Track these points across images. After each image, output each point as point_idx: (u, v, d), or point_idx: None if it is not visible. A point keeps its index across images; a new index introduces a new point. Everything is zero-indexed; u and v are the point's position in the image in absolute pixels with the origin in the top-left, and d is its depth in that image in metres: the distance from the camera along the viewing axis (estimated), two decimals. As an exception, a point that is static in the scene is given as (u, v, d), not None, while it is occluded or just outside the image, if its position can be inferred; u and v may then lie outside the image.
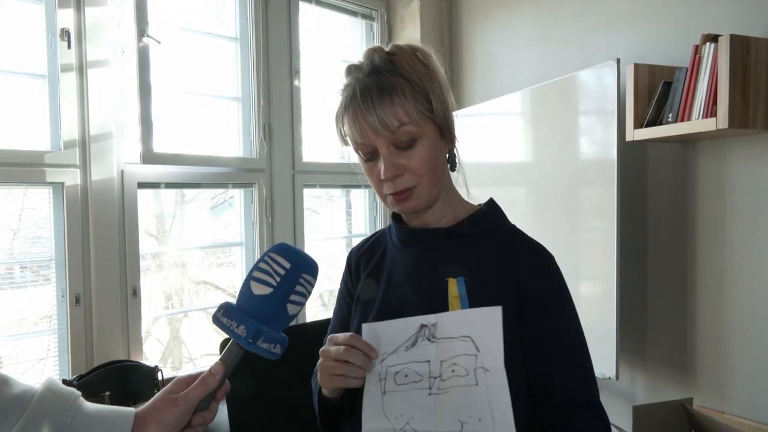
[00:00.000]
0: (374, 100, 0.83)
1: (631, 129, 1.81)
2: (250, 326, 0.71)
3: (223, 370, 0.74)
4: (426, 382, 0.80)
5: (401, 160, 0.86)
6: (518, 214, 2.25)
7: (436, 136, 0.89)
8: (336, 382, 0.84)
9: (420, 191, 0.88)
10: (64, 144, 2.05)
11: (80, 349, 2.09)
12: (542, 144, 2.20)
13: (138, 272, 2.22)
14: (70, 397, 0.68)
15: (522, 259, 0.90)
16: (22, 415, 0.63)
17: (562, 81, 2.07)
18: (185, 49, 2.40)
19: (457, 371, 0.78)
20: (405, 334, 0.82)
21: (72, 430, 0.65)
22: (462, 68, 2.89)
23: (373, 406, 0.82)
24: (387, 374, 0.82)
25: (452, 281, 0.87)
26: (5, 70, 1.99)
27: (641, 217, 2.07)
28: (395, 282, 0.95)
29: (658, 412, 1.50)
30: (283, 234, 2.60)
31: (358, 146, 0.88)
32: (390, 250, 1.00)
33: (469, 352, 0.78)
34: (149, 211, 2.44)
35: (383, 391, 0.82)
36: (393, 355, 0.82)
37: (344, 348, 0.83)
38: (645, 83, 1.79)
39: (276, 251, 0.76)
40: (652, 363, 2.05)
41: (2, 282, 2.03)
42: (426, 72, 0.87)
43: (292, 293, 0.74)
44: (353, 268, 1.05)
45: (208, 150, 2.42)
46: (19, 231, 2.06)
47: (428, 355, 0.80)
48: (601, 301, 1.88)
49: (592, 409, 0.87)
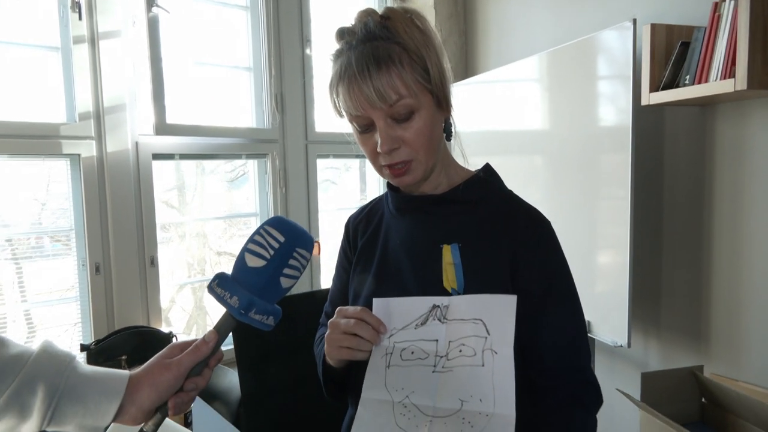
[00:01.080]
0: (371, 71, 0.80)
1: (646, 93, 1.76)
2: (243, 297, 0.71)
3: (215, 339, 0.75)
4: (432, 359, 0.80)
5: (398, 132, 0.84)
6: (532, 182, 2.23)
7: (433, 106, 0.87)
8: (343, 354, 0.85)
9: (416, 165, 0.87)
10: (78, 116, 2.08)
11: (101, 316, 2.15)
12: (556, 110, 2.15)
13: (155, 242, 2.26)
14: (65, 359, 0.69)
15: (517, 224, 0.89)
16: (18, 376, 0.65)
17: (576, 44, 2.01)
18: (195, 18, 2.39)
19: (464, 351, 0.78)
20: (416, 312, 0.82)
21: (67, 390, 0.67)
22: (476, 33, 2.83)
23: (376, 378, 0.82)
24: (394, 349, 0.82)
25: (446, 248, 0.87)
26: (20, 43, 2.01)
27: (657, 183, 2.03)
28: (391, 249, 0.95)
29: (666, 379, 1.49)
30: (297, 204, 2.61)
31: (353, 118, 0.86)
32: (387, 217, 0.99)
33: (480, 334, 0.78)
34: (170, 183, 2.48)
35: (388, 364, 0.82)
36: (402, 331, 0.83)
37: (354, 321, 0.83)
38: (662, 44, 1.73)
39: (271, 224, 0.75)
40: (665, 331, 2.03)
41: (33, 253, 2.10)
42: (423, 38, 0.84)
43: (285, 267, 0.74)
44: (351, 234, 1.05)
45: (221, 121, 2.43)
46: (47, 203, 2.11)
47: (437, 335, 0.80)
48: (614, 268, 1.86)
49: (580, 373, 0.87)
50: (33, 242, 2.10)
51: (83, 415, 0.68)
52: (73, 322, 2.16)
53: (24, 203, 2.05)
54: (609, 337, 1.87)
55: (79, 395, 0.68)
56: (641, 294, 2.09)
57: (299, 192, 2.63)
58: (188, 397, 0.74)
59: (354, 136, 0.90)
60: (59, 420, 0.67)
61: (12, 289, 2.04)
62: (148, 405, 0.71)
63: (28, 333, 2.11)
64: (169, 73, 2.23)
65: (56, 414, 0.66)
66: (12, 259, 2.04)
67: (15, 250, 2.04)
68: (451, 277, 0.85)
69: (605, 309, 1.89)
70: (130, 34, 2.17)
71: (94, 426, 0.69)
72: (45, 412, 0.65)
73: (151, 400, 0.71)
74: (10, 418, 0.65)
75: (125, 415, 0.70)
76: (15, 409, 0.64)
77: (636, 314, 2.10)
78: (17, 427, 0.66)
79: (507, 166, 2.41)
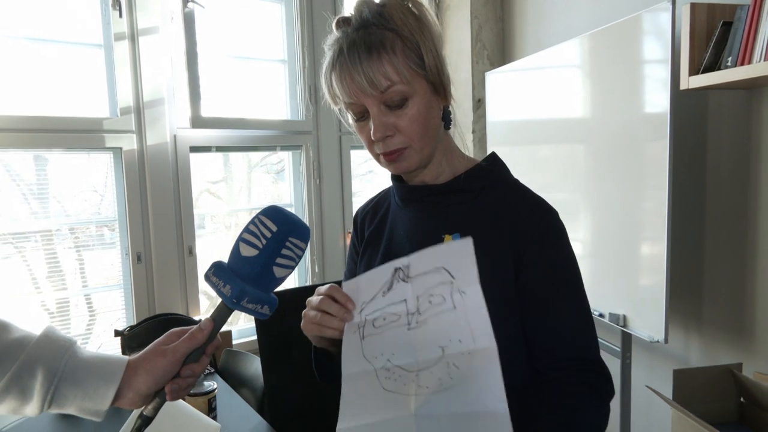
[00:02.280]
0: (361, 58, 0.79)
1: (686, 76, 1.67)
2: (235, 286, 0.72)
3: (211, 327, 0.76)
4: (404, 319, 0.79)
5: (391, 119, 0.83)
6: (571, 171, 2.16)
7: (429, 93, 0.85)
8: (314, 331, 0.85)
9: (411, 152, 0.86)
10: (120, 110, 2.17)
11: (143, 303, 2.25)
12: (592, 96, 2.07)
13: (193, 232, 2.33)
14: (65, 343, 0.72)
15: (519, 212, 0.87)
16: (18, 360, 0.68)
17: (613, 27, 1.93)
18: (230, 12, 2.43)
19: (434, 301, 0.77)
20: (380, 280, 0.81)
21: (65, 374, 0.69)
22: (513, 18, 2.76)
23: (352, 352, 0.82)
24: (365, 322, 0.82)
25: (448, 238, 0.86)
26: (67, 41, 2.11)
27: (699, 172, 1.93)
28: (396, 240, 0.95)
29: (701, 377, 1.42)
30: (331, 195, 2.64)
31: (347, 106, 0.86)
32: (392, 208, 0.99)
33: (445, 280, 0.76)
34: (217, 175, 2.57)
35: (362, 336, 0.81)
36: (371, 303, 0.82)
37: (322, 297, 0.83)
38: (703, 25, 1.64)
39: (265, 214, 0.76)
40: (707, 326, 1.94)
41: (94, 242, 2.22)
42: (417, 25, 0.83)
43: (278, 256, 0.74)
44: (359, 226, 1.05)
45: (255, 113, 2.47)
46: (105, 196, 2.22)
47: (404, 295, 0.79)
48: (652, 261, 1.79)
49: (590, 364, 0.84)
50: (93, 231, 2.22)
51: (82, 398, 0.71)
52: (114, 309, 2.27)
53: (78, 195, 2.17)
54: (645, 332, 1.80)
55: (78, 379, 0.70)
56: (681, 288, 2.00)
57: (333, 183, 2.65)
58: (185, 382, 0.76)
59: (351, 125, 0.90)
60: (59, 403, 0.70)
61: (74, 276, 2.18)
62: (145, 390, 0.73)
63: (89, 318, 2.24)
64: (205, 67, 2.28)
65: (56, 397, 0.69)
66: (74, 247, 2.17)
67: (76, 239, 2.17)
68: None
69: (642, 303, 1.82)
70: (168, 30, 2.23)
71: (95, 409, 0.72)
72: (45, 395, 0.68)
73: (147, 385, 0.73)
74: (12, 400, 0.68)
75: (123, 399, 0.73)
76: (16, 391, 0.68)
77: (675, 309, 2.01)
78: (20, 408, 0.69)
79: (540, 156, 2.36)
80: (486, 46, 2.78)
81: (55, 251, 2.13)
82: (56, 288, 2.13)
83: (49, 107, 2.07)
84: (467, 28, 2.75)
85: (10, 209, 2.03)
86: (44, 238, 2.10)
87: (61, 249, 2.14)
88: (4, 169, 2.02)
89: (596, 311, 2.01)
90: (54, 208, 2.12)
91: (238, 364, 1.81)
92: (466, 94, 2.79)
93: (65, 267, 2.16)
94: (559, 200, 2.23)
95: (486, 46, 2.78)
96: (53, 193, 2.12)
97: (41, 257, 2.10)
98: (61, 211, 2.13)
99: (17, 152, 2.03)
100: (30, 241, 2.08)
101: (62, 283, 2.15)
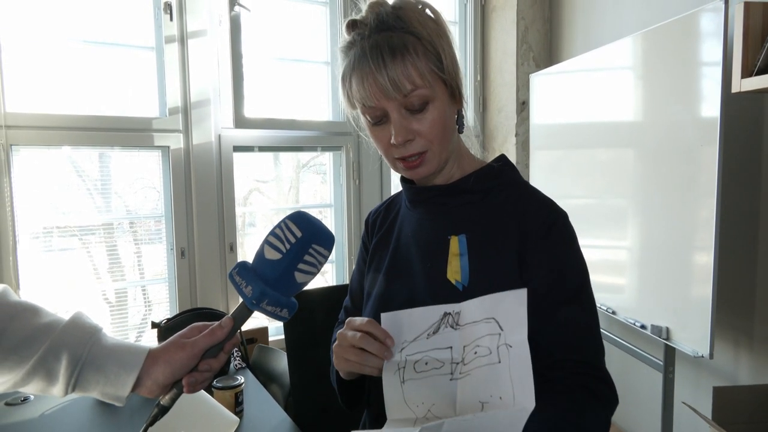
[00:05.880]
0: (386, 60, 0.78)
1: (738, 78, 1.59)
2: (256, 288, 0.73)
3: (231, 325, 0.78)
4: (448, 367, 0.77)
5: (413, 124, 0.82)
6: (620, 177, 2.09)
7: (447, 97, 0.85)
8: (351, 368, 0.82)
9: (431, 156, 0.85)
10: (168, 111, 2.25)
11: (185, 297, 2.32)
12: (640, 99, 2.00)
13: (234, 229, 2.39)
14: (90, 330, 0.75)
15: (527, 212, 0.85)
16: (46, 343, 0.72)
17: (663, 27, 1.85)
18: (276, 15, 2.48)
19: (479, 352, 0.75)
20: (427, 322, 0.79)
21: (88, 361, 0.73)
22: (561, 18, 2.70)
23: (395, 396, 0.80)
24: (406, 363, 0.79)
25: (454, 239, 0.85)
26: (122, 44, 2.21)
27: (752, 178, 1.83)
28: (403, 241, 0.95)
29: (743, 395, 1.34)
30: (369, 197, 2.65)
31: (365, 110, 0.84)
32: (402, 210, 0.99)
33: (493, 331, 0.75)
34: (269, 174, 2.64)
35: (402, 380, 0.79)
36: (413, 343, 0.79)
37: (360, 335, 0.80)
38: (758, 25, 1.55)
39: (291, 219, 0.76)
40: (760, 342, 1.83)
41: (152, 236, 2.32)
42: (436, 28, 0.82)
43: (300, 262, 0.74)
44: (370, 229, 1.05)
45: (298, 114, 2.51)
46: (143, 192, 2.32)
47: (451, 342, 0.77)
48: (699, 271, 1.70)
49: (591, 368, 0.81)
50: (152, 226, 2.32)
51: (104, 384, 0.74)
52: (160, 302, 2.36)
53: (138, 192, 2.28)
54: (689, 347, 1.72)
55: (100, 365, 0.74)
56: (731, 301, 1.90)
57: (373, 184, 2.66)
58: (202, 377, 0.78)
59: (366, 129, 0.89)
60: (83, 386, 0.74)
61: (133, 268, 2.30)
62: (163, 380, 0.75)
63: (145, 309, 2.35)
64: (250, 69, 2.34)
65: (80, 380, 0.73)
66: (133, 241, 2.29)
67: (134, 233, 2.28)
68: (456, 269, 0.83)
69: (687, 315, 1.74)
70: (216, 32, 2.30)
71: (116, 395, 0.75)
72: (69, 379, 0.72)
73: (165, 376, 0.75)
74: (40, 381, 0.72)
75: (142, 387, 0.76)
76: (42, 373, 0.72)
77: (723, 323, 1.91)
78: (47, 389, 0.73)
79: (584, 160, 2.29)
80: (532, 48, 2.73)
81: (116, 244, 2.25)
82: (115, 279, 2.25)
83: (106, 107, 2.17)
84: (513, 29, 2.70)
85: (78, 204, 2.16)
86: (106, 231, 2.22)
87: (121, 243, 2.25)
88: (72, 165, 2.14)
89: (638, 322, 1.93)
90: (115, 203, 2.23)
91: (269, 361, 1.85)
92: (509, 97, 2.75)
93: (124, 260, 2.27)
94: (601, 206, 2.17)
95: (532, 47, 2.73)
96: (115, 189, 2.23)
97: (102, 250, 2.22)
98: (121, 206, 2.24)
99: (85, 150, 2.15)
100: (94, 234, 2.20)
101: (121, 275, 2.26)
